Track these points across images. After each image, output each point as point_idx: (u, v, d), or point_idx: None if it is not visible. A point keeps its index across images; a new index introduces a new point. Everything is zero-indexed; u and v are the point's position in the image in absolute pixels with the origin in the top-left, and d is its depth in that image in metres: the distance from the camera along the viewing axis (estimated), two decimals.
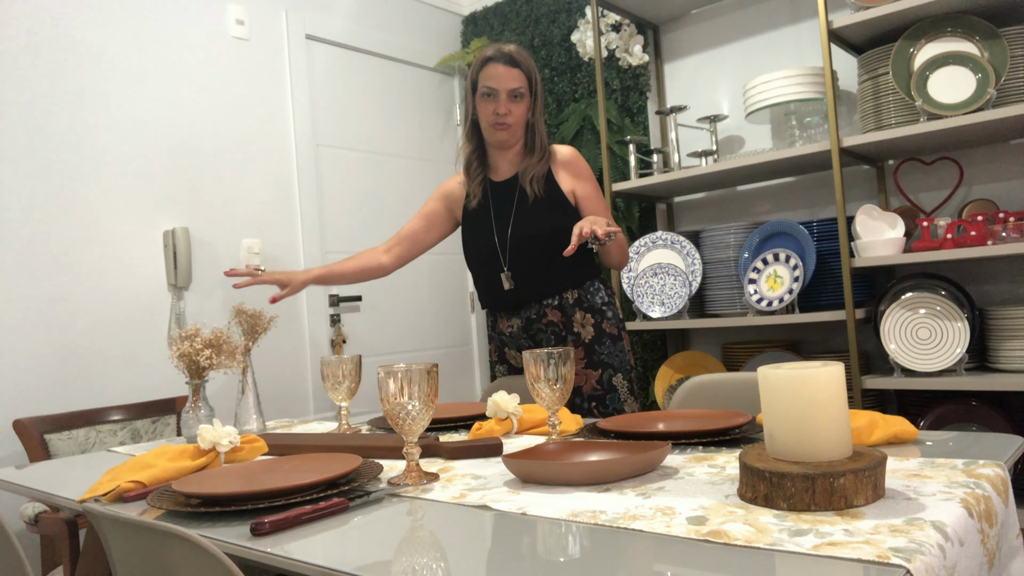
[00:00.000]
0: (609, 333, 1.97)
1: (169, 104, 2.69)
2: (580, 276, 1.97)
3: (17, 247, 2.31)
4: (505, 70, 1.90)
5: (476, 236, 2.02)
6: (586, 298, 1.96)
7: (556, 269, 1.93)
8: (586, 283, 1.98)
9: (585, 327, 1.95)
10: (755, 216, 3.01)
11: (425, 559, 0.82)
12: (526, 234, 1.93)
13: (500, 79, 1.90)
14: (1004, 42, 2.25)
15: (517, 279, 1.95)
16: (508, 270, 1.96)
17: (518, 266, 1.95)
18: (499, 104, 1.91)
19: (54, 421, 2.20)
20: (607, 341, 1.96)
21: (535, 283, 1.94)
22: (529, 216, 1.94)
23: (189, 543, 0.80)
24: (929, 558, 0.71)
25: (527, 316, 1.97)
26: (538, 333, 1.97)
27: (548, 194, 1.94)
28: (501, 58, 1.91)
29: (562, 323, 1.95)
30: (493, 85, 1.90)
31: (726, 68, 3.07)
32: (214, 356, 1.63)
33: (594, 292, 1.98)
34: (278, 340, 2.93)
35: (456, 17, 3.84)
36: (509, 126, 1.93)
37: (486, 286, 2.03)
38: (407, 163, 3.54)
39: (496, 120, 1.92)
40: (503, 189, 2.00)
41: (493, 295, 2.01)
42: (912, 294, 2.36)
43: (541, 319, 1.96)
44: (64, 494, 1.29)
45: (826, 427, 0.90)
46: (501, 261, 1.96)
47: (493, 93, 1.91)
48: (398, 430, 1.15)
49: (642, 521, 0.87)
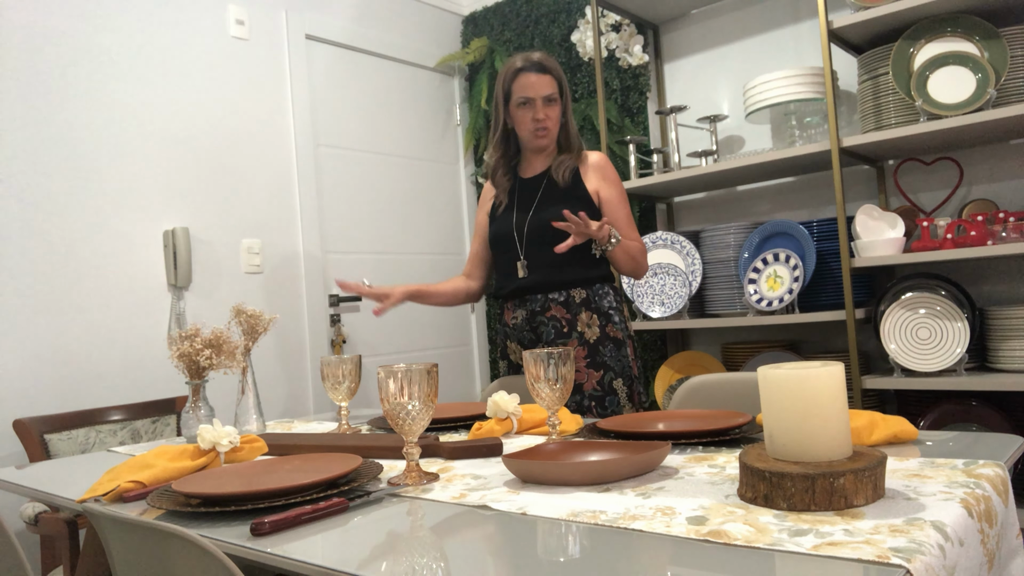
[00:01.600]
0: (613, 337, 1.99)
1: (169, 104, 2.69)
2: (591, 277, 2.00)
3: (17, 247, 2.31)
4: (537, 78, 1.98)
5: (499, 226, 2.09)
6: (594, 300, 1.99)
7: (569, 262, 1.97)
8: (595, 285, 2.01)
9: (591, 327, 1.97)
10: (755, 216, 3.01)
11: (425, 559, 0.82)
12: (544, 221, 1.97)
13: (534, 87, 1.98)
14: (1004, 42, 2.25)
15: (531, 267, 2.00)
16: (524, 258, 2.01)
17: (533, 253, 2.00)
18: (536, 110, 1.99)
19: (54, 421, 2.20)
20: (611, 345, 1.98)
21: (545, 272, 1.98)
22: (551, 205, 1.99)
23: (189, 543, 0.80)
24: (929, 558, 0.71)
25: (532, 308, 2.00)
26: (540, 326, 2.00)
27: (574, 187, 2.00)
28: (532, 67, 1.99)
29: (565, 320, 1.98)
30: (529, 94, 1.98)
31: (726, 68, 3.07)
32: (214, 356, 1.63)
33: (602, 295, 2.00)
34: (278, 340, 2.93)
35: (456, 17, 3.84)
36: (548, 130, 2.01)
37: (502, 274, 2.09)
38: (407, 163, 3.54)
39: (537, 126, 2.00)
40: (532, 182, 2.07)
41: (505, 283, 2.06)
42: (912, 294, 2.36)
43: (545, 312, 1.99)
44: (64, 494, 1.29)
45: (826, 427, 0.90)
46: (518, 248, 2.02)
47: (529, 102, 1.99)
48: (398, 430, 1.15)
49: (642, 521, 0.87)
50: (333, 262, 3.19)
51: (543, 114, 1.99)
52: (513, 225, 2.04)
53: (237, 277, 2.83)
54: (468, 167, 3.80)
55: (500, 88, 2.04)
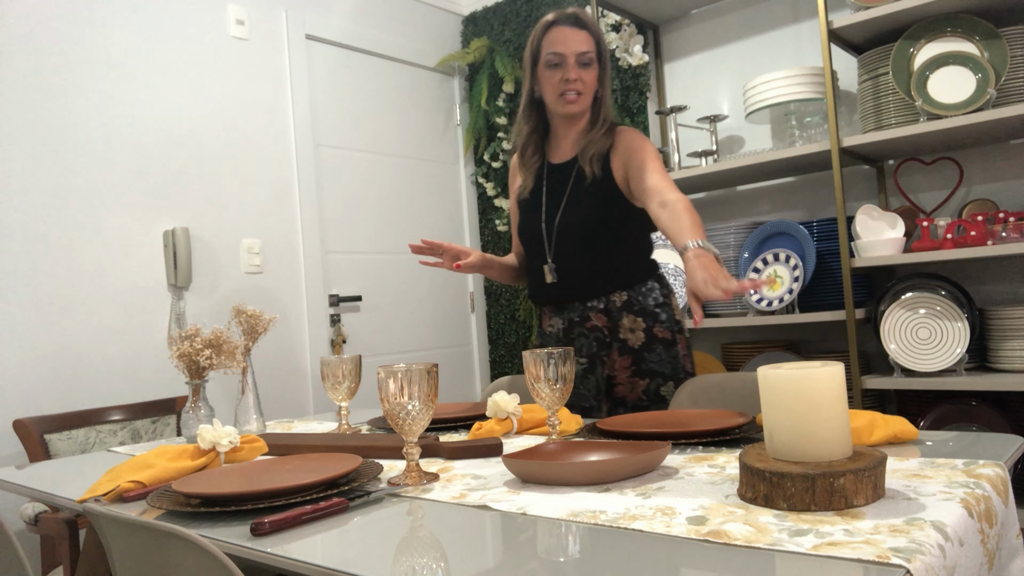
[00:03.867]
0: (661, 338, 1.77)
1: (169, 104, 2.69)
2: (631, 277, 1.78)
3: (17, 247, 2.31)
4: (572, 32, 1.71)
5: (526, 221, 1.86)
6: (636, 300, 1.77)
7: (601, 266, 1.76)
8: (637, 284, 1.78)
9: (634, 332, 1.76)
10: (755, 216, 3.01)
11: (425, 559, 0.82)
12: (573, 221, 1.75)
13: (567, 42, 1.70)
14: (1004, 42, 2.25)
15: (560, 272, 1.79)
16: (552, 261, 1.79)
17: (562, 257, 1.78)
18: (567, 70, 1.71)
19: (54, 421, 2.20)
20: (658, 347, 1.77)
21: (578, 280, 1.78)
22: (581, 201, 1.76)
23: (189, 543, 0.80)
24: (929, 558, 0.71)
25: (569, 317, 1.81)
26: (580, 337, 1.79)
27: (604, 178, 1.75)
28: (566, 20, 1.72)
29: (607, 328, 1.77)
30: (560, 50, 1.70)
31: (726, 68, 3.07)
32: (214, 356, 1.63)
33: (646, 293, 1.78)
34: (278, 340, 2.93)
35: (456, 17, 3.84)
36: (580, 95, 1.73)
37: (532, 277, 1.88)
38: (407, 163, 3.54)
39: (565, 88, 1.72)
40: (560, 171, 1.82)
41: (536, 288, 1.86)
42: (912, 294, 2.36)
43: (584, 323, 1.79)
44: (64, 494, 1.29)
45: (826, 427, 0.90)
46: (545, 250, 1.80)
47: (560, 60, 1.71)
48: (398, 430, 1.15)
49: (642, 521, 0.87)
50: (333, 262, 3.19)
51: (575, 74, 1.70)
52: (542, 222, 1.80)
53: (237, 277, 2.83)
54: (468, 167, 3.80)
55: (529, 48, 1.77)
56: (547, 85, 1.75)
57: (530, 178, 1.85)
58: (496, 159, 3.68)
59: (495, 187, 3.70)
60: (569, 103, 1.74)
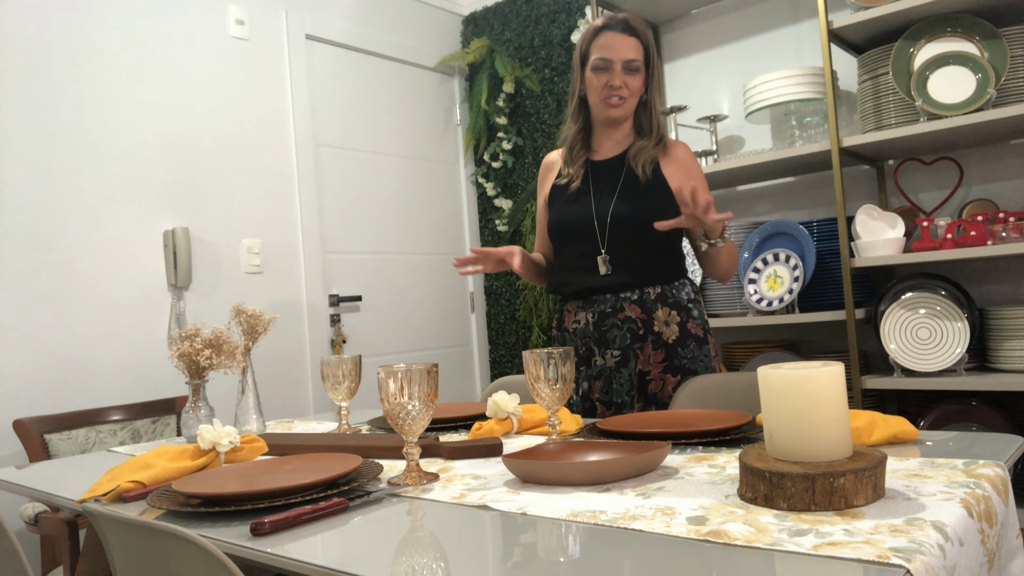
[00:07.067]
0: (694, 335, 1.77)
1: (169, 104, 2.69)
2: (668, 272, 1.79)
3: (17, 247, 2.31)
4: (621, 39, 1.74)
5: (570, 210, 1.83)
6: (671, 293, 1.77)
7: (651, 256, 1.77)
8: (670, 280, 1.79)
9: (669, 325, 1.75)
10: (755, 216, 3.01)
11: (425, 559, 0.82)
12: (630, 214, 1.75)
13: (615, 48, 1.73)
14: (1004, 42, 2.25)
15: (613, 263, 1.76)
16: (606, 252, 1.77)
17: (616, 247, 1.77)
18: (613, 76, 1.74)
19: (54, 421, 2.20)
20: (692, 344, 1.76)
21: (627, 267, 1.76)
22: (635, 196, 1.76)
23: (189, 543, 0.80)
24: (929, 558, 0.71)
25: (601, 310, 1.77)
26: (612, 329, 1.76)
27: (656, 180, 1.77)
28: (616, 25, 1.74)
29: (641, 320, 1.75)
30: (607, 56, 1.73)
31: (726, 68, 3.07)
32: (214, 356, 1.63)
33: (679, 287, 1.79)
34: (278, 340, 2.93)
35: (456, 17, 3.84)
36: (624, 100, 1.76)
37: (568, 269, 1.84)
38: (407, 163, 3.54)
39: (609, 94, 1.75)
40: (605, 168, 1.83)
41: (572, 279, 1.82)
42: (912, 294, 2.36)
43: (617, 314, 1.75)
44: (64, 494, 1.29)
45: (826, 427, 0.90)
46: (599, 241, 1.78)
47: (607, 64, 1.74)
48: (398, 430, 1.15)
49: (642, 521, 0.87)
50: (333, 262, 3.19)
51: (620, 81, 1.73)
52: (593, 212, 1.77)
53: (237, 277, 2.83)
54: (468, 167, 3.80)
55: (578, 50, 1.79)
56: (592, 88, 1.79)
57: (579, 171, 1.85)
58: (496, 159, 3.68)
59: (495, 187, 3.70)
60: (612, 107, 1.77)
